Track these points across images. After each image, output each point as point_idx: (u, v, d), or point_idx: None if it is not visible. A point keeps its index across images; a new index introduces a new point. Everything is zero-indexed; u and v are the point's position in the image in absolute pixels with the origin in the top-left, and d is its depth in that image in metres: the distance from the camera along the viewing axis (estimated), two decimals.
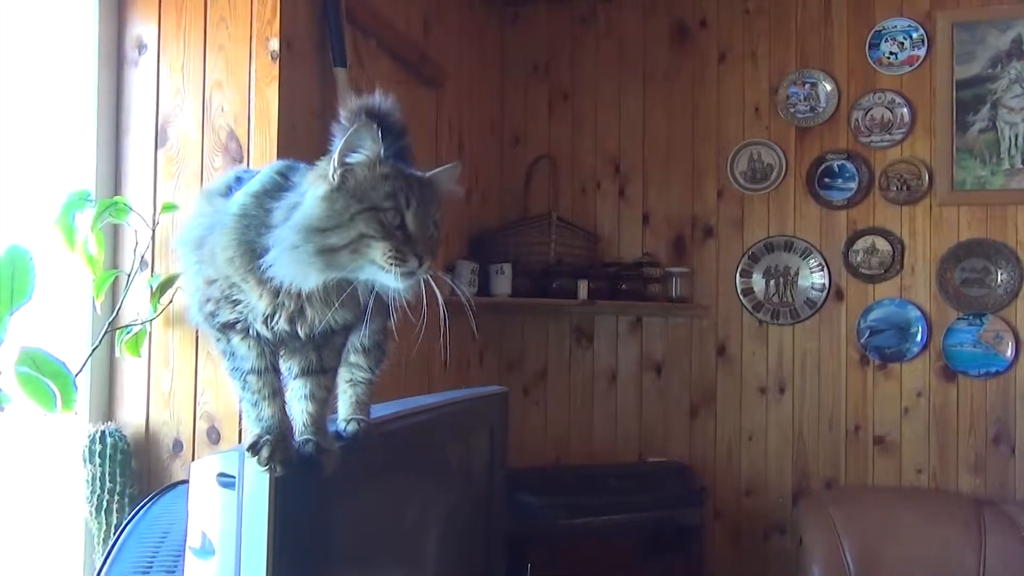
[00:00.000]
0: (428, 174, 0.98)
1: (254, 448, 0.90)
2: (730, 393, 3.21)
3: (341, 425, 1.08)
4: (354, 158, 0.91)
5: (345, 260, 0.88)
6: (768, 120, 3.20)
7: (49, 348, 1.43)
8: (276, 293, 0.91)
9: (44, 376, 1.39)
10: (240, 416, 1.68)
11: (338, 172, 0.90)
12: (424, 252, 0.89)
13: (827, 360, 3.12)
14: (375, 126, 0.91)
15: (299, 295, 0.91)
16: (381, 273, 0.89)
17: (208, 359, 1.75)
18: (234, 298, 0.93)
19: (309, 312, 0.92)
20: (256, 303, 0.92)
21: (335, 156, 0.90)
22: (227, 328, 0.95)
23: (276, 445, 0.90)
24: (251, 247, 0.91)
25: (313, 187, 0.90)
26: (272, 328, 0.93)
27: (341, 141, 0.90)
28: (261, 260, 0.89)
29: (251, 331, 0.94)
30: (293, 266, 0.88)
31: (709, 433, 3.22)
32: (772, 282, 3.17)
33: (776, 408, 3.16)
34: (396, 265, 0.88)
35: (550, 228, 3.03)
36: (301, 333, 0.93)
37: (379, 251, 0.88)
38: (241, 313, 0.93)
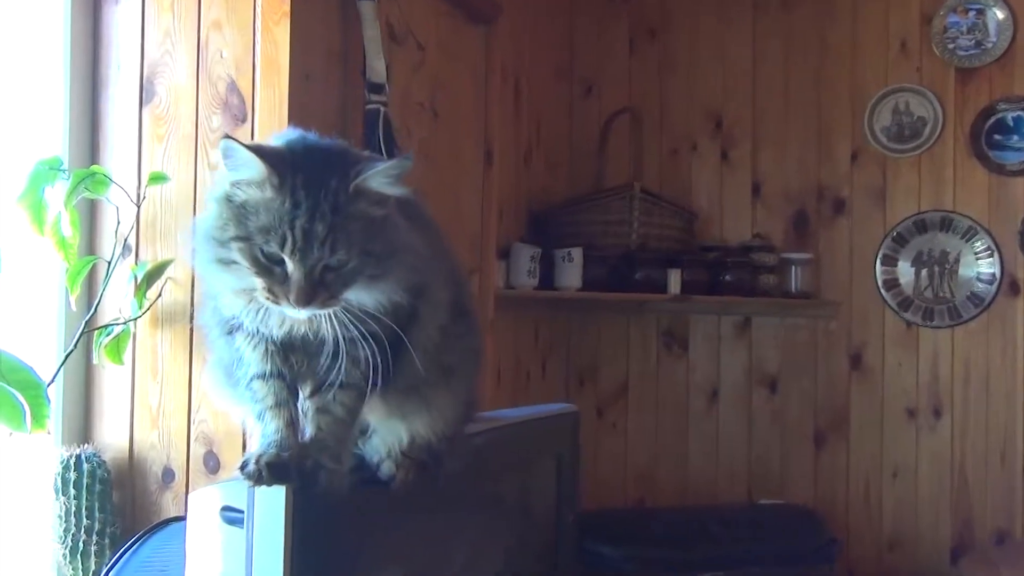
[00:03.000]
0: (353, 182, 0.96)
1: (244, 466, 0.96)
2: (868, 417, 3.17)
3: (377, 463, 1.11)
4: (236, 176, 0.96)
5: (244, 274, 0.96)
6: (919, 60, 3.15)
7: (16, 352, 1.49)
8: None
9: (11, 387, 1.45)
10: (244, 438, 1.73)
11: (229, 181, 0.97)
12: (302, 300, 0.94)
13: (998, 374, 3.07)
14: (236, 144, 0.94)
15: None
16: None
17: (205, 369, 1.80)
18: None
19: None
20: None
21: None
22: (233, 330, 1.04)
23: (268, 457, 0.97)
24: None
25: (219, 180, 0.98)
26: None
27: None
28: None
29: (253, 327, 1.01)
30: (204, 270, 1.00)
31: (840, 468, 3.19)
32: (924, 272, 3.13)
33: (930, 436, 3.12)
34: (272, 303, 0.96)
35: (632, 203, 3.04)
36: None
37: (256, 283, 0.96)
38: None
